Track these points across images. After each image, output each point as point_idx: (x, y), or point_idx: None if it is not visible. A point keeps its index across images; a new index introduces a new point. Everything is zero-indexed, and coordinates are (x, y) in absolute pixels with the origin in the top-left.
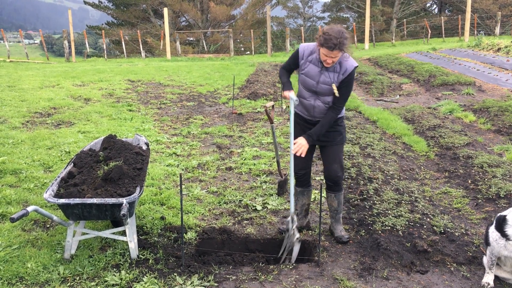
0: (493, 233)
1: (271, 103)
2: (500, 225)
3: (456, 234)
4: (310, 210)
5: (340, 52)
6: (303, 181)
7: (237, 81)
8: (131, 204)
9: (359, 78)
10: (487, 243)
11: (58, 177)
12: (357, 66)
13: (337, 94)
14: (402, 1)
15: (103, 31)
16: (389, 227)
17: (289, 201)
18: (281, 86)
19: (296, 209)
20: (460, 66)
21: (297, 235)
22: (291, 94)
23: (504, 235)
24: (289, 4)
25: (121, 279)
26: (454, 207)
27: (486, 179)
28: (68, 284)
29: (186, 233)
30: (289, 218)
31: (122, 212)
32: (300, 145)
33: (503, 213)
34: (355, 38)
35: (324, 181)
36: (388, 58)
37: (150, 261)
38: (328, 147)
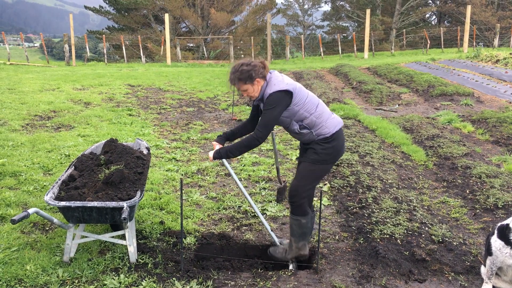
0: (495, 242)
1: None
2: (504, 234)
3: (454, 243)
4: None
5: (242, 85)
6: None
7: None
8: (132, 208)
9: (358, 87)
10: (489, 253)
11: (59, 179)
12: (279, 90)
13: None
14: (402, 12)
15: (103, 35)
16: (387, 236)
17: (287, 208)
18: None
19: None
20: (459, 77)
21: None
22: None
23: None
24: (289, 12)
25: (120, 282)
26: (452, 217)
27: (484, 190)
28: (67, 287)
29: (185, 238)
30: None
31: (122, 216)
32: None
33: (504, 222)
34: (355, 47)
35: (322, 188)
36: (387, 67)
37: (149, 265)
38: (300, 163)
